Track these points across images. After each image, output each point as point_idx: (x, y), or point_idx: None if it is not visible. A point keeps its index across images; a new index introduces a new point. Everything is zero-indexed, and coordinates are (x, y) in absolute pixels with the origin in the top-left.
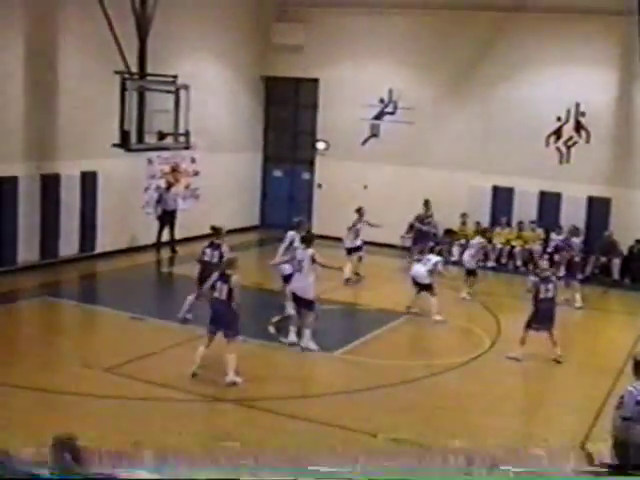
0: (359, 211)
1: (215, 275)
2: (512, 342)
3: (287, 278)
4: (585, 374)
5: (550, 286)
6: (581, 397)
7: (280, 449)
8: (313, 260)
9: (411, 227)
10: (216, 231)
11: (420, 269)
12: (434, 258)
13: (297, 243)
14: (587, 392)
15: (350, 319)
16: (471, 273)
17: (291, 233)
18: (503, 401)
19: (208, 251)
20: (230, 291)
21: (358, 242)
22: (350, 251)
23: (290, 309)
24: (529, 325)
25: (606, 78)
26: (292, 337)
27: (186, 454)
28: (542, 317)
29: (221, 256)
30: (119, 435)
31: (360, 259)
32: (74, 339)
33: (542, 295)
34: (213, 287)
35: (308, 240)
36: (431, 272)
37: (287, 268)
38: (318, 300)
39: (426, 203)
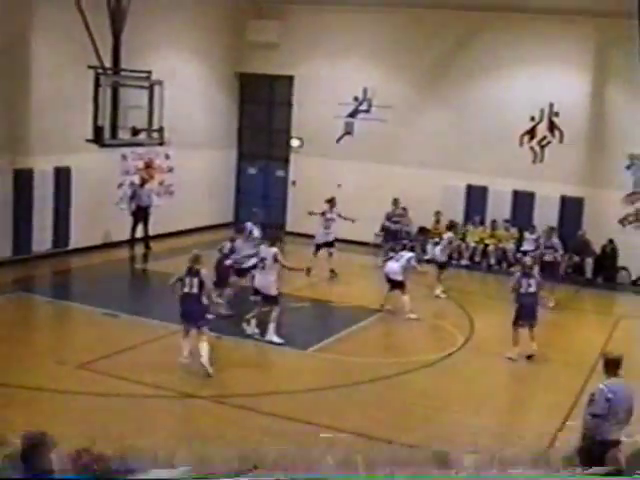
0: (330, 201)
1: (183, 272)
2: (485, 340)
3: (240, 272)
4: (558, 372)
5: (532, 281)
6: (553, 395)
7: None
8: (275, 259)
9: (385, 224)
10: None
11: (393, 265)
12: (407, 254)
13: (256, 233)
14: (559, 390)
15: (323, 316)
16: (442, 267)
17: (248, 224)
18: (475, 399)
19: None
20: (201, 284)
21: (330, 237)
22: (319, 247)
23: (222, 310)
24: (515, 323)
25: (580, 79)
26: (251, 329)
27: (162, 451)
28: (525, 313)
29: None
30: (93, 432)
31: (331, 255)
32: (48, 335)
33: (523, 290)
34: (182, 282)
35: (273, 239)
36: (405, 268)
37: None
38: (290, 297)
39: (395, 202)
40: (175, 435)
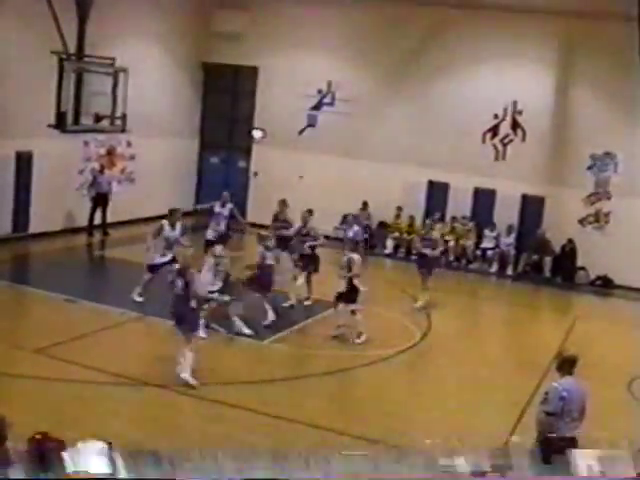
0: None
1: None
2: (441, 336)
3: (152, 268)
4: (513, 370)
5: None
6: (508, 392)
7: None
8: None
9: (344, 218)
10: None
11: None
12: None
13: (167, 231)
14: (514, 388)
15: (281, 308)
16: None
17: (163, 221)
18: (428, 394)
19: None
20: (187, 285)
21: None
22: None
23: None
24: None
25: (544, 77)
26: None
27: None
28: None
29: None
30: (48, 417)
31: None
32: (5, 320)
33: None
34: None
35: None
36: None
37: (154, 257)
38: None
39: (282, 202)
40: (130, 422)
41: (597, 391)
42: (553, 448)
